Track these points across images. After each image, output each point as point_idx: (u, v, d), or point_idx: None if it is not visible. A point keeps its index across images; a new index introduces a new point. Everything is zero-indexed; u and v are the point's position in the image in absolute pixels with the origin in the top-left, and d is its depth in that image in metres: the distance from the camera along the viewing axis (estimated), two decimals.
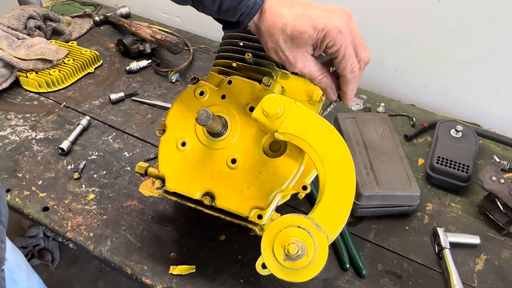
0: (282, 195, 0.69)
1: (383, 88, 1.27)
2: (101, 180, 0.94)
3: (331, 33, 0.57)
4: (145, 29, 1.27)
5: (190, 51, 1.31)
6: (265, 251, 0.56)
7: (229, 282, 0.77)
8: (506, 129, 1.13)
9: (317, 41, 0.59)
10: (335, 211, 0.59)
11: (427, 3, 1.06)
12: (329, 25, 0.57)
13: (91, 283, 1.72)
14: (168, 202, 0.90)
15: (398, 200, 0.85)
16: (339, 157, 0.61)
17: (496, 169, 0.85)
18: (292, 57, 0.61)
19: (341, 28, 0.58)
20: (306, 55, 0.61)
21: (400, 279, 0.79)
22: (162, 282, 0.76)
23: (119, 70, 1.26)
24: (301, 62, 0.61)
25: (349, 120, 1.00)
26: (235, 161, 0.69)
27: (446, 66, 1.14)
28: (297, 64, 0.61)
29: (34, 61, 1.16)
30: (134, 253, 0.81)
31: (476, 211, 0.90)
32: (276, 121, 0.62)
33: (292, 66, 0.62)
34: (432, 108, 1.19)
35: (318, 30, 0.58)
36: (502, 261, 0.82)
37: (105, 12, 1.49)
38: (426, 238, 0.85)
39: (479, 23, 1.03)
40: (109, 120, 1.09)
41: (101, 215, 0.87)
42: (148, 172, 0.81)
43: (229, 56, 0.83)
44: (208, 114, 0.61)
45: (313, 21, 0.58)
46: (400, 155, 0.92)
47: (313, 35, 0.58)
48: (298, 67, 0.62)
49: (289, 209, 0.89)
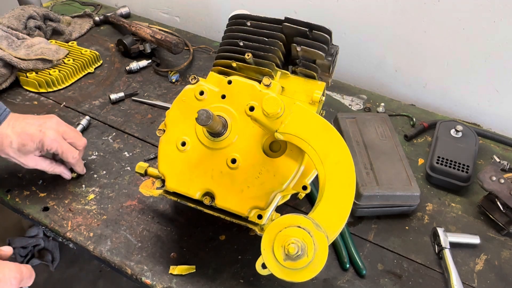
0: (282, 195, 0.69)
1: (383, 88, 1.27)
2: (101, 180, 0.94)
3: (46, 143, 0.83)
4: (145, 29, 1.27)
5: (190, 51, 1.31)
6: (265, 251, 0.56)
7: (229, 282, 0.77)
8: (506, 129, 1.13)
9: (38, 148, 0.83)
10: (335, 211, 0.59)
11: (427, 3, 1.07)
12: (43, 139, 0.82)
13: (91, 283, 1.72)
14: (168, 202, 0.90)
15: (398, 200, 0.85)
16: (339, 157, 0.61)
17: (496, 169, 0.85)
18: (24, 160, 0.84)
19: (53, 137, 0.83)
20: (34, 157, 0.85)
21: (400, 279, 0.79)
22: (162, 282, 0.76)
23: (119, 70, 1.26)
24: (32, 162, 0.85)
25: (349, 120, 1.00)
26: (235, 161, 0.69)
27: (446, 66, 1.14)
28: (29, 164, 0.85)
29: (34, 61, 1.16)
30: (134, 253, 0.81)
31: (476, 211, 0.90)
32: (276, 121, 0.62)
33: (25, 166, 0.85)
34: (432, 108, 1.19)
35: (37, 143, 0.82)
36: (502, 261, 0.82)
37: (105, 12, 1.49)
38: (426, 238, 0.85)
39: (479, 23, 1.03)
40: (109, 120, 1.09)
41: (101, 215, 0.87)
42: (148, 172, 0.81)
43: (229, 56, 0.83)
44: (208, 114, 0.61)
45: (31, 137, 0.82)
46: (400, 155, 0.92)
47: (34, 146, 0.82)
48: (30, 166, 0.85)
49: (289, 209, 0.89)
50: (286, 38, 0.84)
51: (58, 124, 0.86)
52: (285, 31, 0.84)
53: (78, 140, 0.88)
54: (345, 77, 1.27)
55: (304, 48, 0.82)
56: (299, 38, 0.83)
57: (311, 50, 0.82)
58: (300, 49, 0.83)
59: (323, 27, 0.82)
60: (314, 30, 0.82)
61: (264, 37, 0.84)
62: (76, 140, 0.88)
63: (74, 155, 0.87)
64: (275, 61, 0.82)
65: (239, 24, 0.88)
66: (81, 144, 0.89)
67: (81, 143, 0.89)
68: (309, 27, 0.82)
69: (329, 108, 1.14)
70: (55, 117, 0.87)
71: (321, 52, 0.82)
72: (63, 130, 0.86)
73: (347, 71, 1.29)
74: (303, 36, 0.83)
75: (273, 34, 0.84)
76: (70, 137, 0.87)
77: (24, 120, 0.84)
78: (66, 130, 0.87)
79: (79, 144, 0.88)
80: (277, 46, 0.83)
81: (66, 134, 0.86)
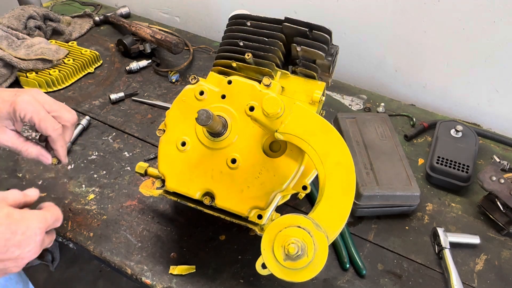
0: (282, 195, 0.69)
1: (383, 88, 1.27)
2: (101, 180, 0.94)
3: (18, 106, 0.65)
4: (145, 29, 1.27)
5: (190, 51, 1.31)
6: (265, 251, 0.56)
7: (229, 282, 0.77)
8: (506, 129, 1.13)
9: (9, 113, 0.66)
10: (335, 211, 0.59)
11: (427, 3, 1.07)
12: (16, 101, 0.65)
13: (91, 283, 1.72)
14: (168, 202, 0.90)
15: (398, 200, 0.85)
16: (339, 157, 0.61)
17: (496, 169, 0.85)
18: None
19: (27, 100, 0.66)
20: (6, 130, 0.68)
21: (400, 279, 0.79)
22: (162, 282, 0.76)
23: (119, 70, 1.26)
24: (3, 135, 0.68)
25: (349, 120, 1.00)
26: (235, 161, 0.69)
27: (446, 66, 1.14)
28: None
29: (34, 61, 1.16)
30: (134, 253, 0.81)
31: (476, 211, 0.90)
32: (276, 121, 0.62)
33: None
34: (432, 108, 1.19)
35: (7, 106, 0.66)
36: (502, 261, 0.82)
37: (105, 12, 1.49)
38: (426, 238, 0.85)
39: (479, 23, 1.03)
40: (109, 120, 1.09)
41: (101, 215, 0.87)
42: (148, 172, 0.81)
43: (229, 56, 0.83)
44: (208, 114, 0.61)
45: (2, 99, 0.66)
46: (400, 155, 0.92)
47: (3, 110, 0.66)
48: (1, 142, 0.69)
49: (289, 209, 0.89)
50: (286, 38, 0.84)
51: (38, 93, 0.69)
52: (285, 31, 0.84)
53: (65, 113, 0.70)
54: (345, 77, 1.27)
55: (304, 48, 0.82)
56: (299, 38, 0.83)
57: (311, 50, 0.82)
58: (300, 49, 0.83)
59: (323, 27, 0.82)
60: (314, 30, 0.82)
61: (264, 37, 0.84)
62: (62, 112, 0.69)
63: (55, 126, 0.68)
64: (275, 61, 0.82)
65: (239, 24, 0.88)
66: (68, 118, 0.70)
67: (69, 118, 0.70)
68: (309, 27, 0.82)
69: (329, 108, 1.14)
70: (39, 90, 0.72)
71: (321, 52, 0.82)
72: (44, 99, 0.68)
73: (347, 71, 1.29)
74: (303, 36, 0.83)
75: (273, 34, 0.84)
76: (53, 108, 0.69)
77: (1, 89, 0.70)
78: (48, 100, 0.69)
79: (66, 118, 0.69)
80: (277, 46, 0.83)
81: (48, 104, 0.68)
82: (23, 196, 0.64)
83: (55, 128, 0.68)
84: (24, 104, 0.65)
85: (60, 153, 0.72)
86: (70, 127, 0.71)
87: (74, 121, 0.71)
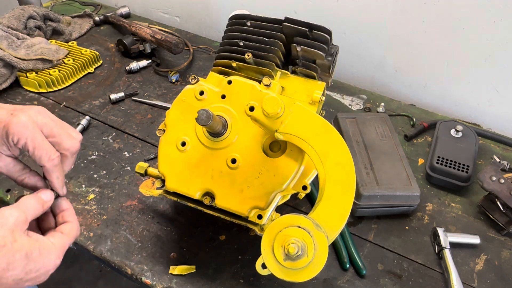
0: (282, 195, 0.69)
1: (383, 88, 1.27)
2: (101, 180, 0.94)
3: (12, 128, 0.55)
4: (145, 29, 1.27)
5: (190, 51, 1.31)
6: (265, 251, 0.56)
7: (229, 282, 0.77)
8: (506, 129, 1.13)
9: (3, 139, 0.56)
10: (335, 211, 0.59)
11: (427, 3, 1.06)
12: (9, 122, 0.55)
13: (91, 283, 1.72)
14: (168, 202, 0.90)
15: (398, 200, 0.85)
16: (339, 157, 0.61)
17: (496, 169, 0.85)
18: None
19: (23, 122, 0.55)
20: (1, 156, 0.59)
21: (400, 279, 0.79)
22: (162, 282, 0.76)
23: (119, 70, 1.26)
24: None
25: (349, 120, 1.00)
26: (235, 161, 0.69)
27: (446, 66, 1.14)
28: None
29: (34, 61, 1.16)
30: (134, 253, 0.81)
31: (476, 211, 0.90)
32: (276, 121, 0.62)
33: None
34: (432, 108, 1.19)
35: (2, 127, 0.55)
36: (502, 261, 0.82)
37: (105, 12, 1.49)
38: (426, 238, 0.85)
39: (479, 23, 1.03)
40: (109, 120, 1.09)
41: (101, 215, 0.87)
42: (148, 172, 0.81)
43: (229, 56, 0.83)
44: (208, 114, 0.61)
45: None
46: (400, 155, 0.92)
47: (1, 133, 0.56)
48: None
49: (289, 209, 0.89)
50: (286, 38, 0.84)
51: (39, 112, 0.58)
52: (285, 31, 0.84)
53: (66, 139, 0.59)
54: (345, 77, 1.27)
55: (304, 48, 0.82)
56: (299, 38, 0.83)
57: (311, 50, 0.82)
58: (300, 49, 0.83)
59: (323, 27, 0.82)
60: (314, 30, 0.82)
61: (264, 37, 0.84)
62: (62, 139, 0.59)
63: (52, 156, 0.57)
64: (275, 61, 0.82)
65: (239, 24, 0.88)
66: (68, 146, 0.59)
67: (69, 146, 0.59)
68: (309, 27, 0.82)
69: (329, 108, 1.14)
70: (42, 108, 0.60)
71: (321, 52, 0.82)
72: (43, 121, 0.58)
73: (347, 71, 1.29)
74: (303, 36, 0.83)
75: (273, 34, 0.84)
76: (53, 133, 0.58)
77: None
78: (48, 123, 0.58)
79: (66, 147, 0.59)
80: (277, 46, 0.83)
81: (47, 127, 0.58)
82: (41, 207, 0.57)
83: (50, 158, 0.58)
84: (19, 127, 0.55)
85: (56, 185, 0.61)
86: (70, 156, 0.60)
87: (75, 150, 0.60)
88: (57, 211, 0.61)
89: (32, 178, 0.62)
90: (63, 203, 0.62)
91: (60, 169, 0.60)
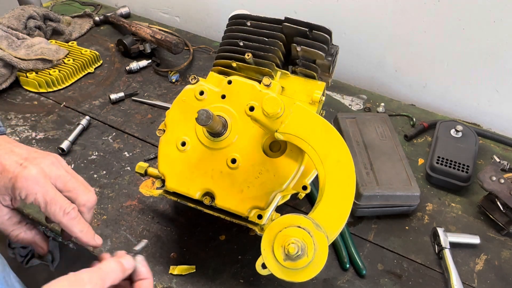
0: (282, 195, 0.69)
1: (383, 88, 1.27)
2: (101, 180, 0.94)
3: (19, 183, 0.51)
4: (145, 29, 1.27)
5: (190, 51, 1.31)
6: (265, 251, 0.56)
7: (229, 282, 0.77)
8: (506, 129, 1.13)
9: (7, 189, 0.52)
10: (335, 211, 0.59)
11: (427, 3, 1.06)
12: (18, 175, 0.51)
13: None
14: (168, 202, 0.90)
15: (398, 200, 0.85)
16: (339, 157, 0.61)
17: (496, 169, 0.85)
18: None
19: (33, 177, 0.51)
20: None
21: (400, 279, 0.79)
22: (162, 282, 0.76)
23: (119, 70, 1.26)
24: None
25: (349, 120, 1.00)
26: (235, 161, 0.69)
27: (446, 66, 1.14)
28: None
29: (34, 61, 1.16)
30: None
31: (476, 211, 0.90)
32: (276, 121, 0.62)
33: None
34: (432, 108, 1.19)
35: (6, 181, 0.51)
36: (502, 261, 0.82)
37: (105, 12, 1.49)
38: (426, 238, 0.85)
39: (479, 23, 1.03)
40: (109, 120, 1.09)
41: (101, 215, 0.87)
42: (148, 172, 0.81)
43: (229, 56, 0.83)
44: (208, 114, 0.61)
45: (3, 168, 0.52)
46: (400, 155, 0.92)
47: (2, 182, 0.51)
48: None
49: (289, 209, 0.89)
50: (286, 38, 0.84)
51: (53, 164, 0.55)
52: (285, 31, 0.84)
53: (82, 194, 0.56)
54: (345, 77, 1.26)
55: (304, 48, 0.82)
56: (299, 38, 0.83)
57: (311, 50, 0.82)
58: (300, 49, 0.83)
59: (323, 27, 0.82)
60: (314, 30, 0.82)
61: (264, 37, 0.84)
62: (78, 193, 0.56)
63: (67, 209, 0.53)
64: (275, 61, 0.82)
65: (239, 24, 0.88)
66: (85, 201, 0.56)
67: (86, 200, 0.56)
68: (309, 27, 0.82)
69: (329, 108, 1.14)
70: (57, 156, 0.57)
71: (321, 52, 0.82)
72: (57, 174, 0.54)
73: (347, 71, 1.28)
74: (303, 36, 0.83)
75: (273, 34, 0.84)
76: (67, 187, 0.55)
77: (11, 147, 0.55)
78: (62, 176, 0.55)
79: (82, 202, 0.56)
80: (277, 46, 0.83)
81: (61, 181, 0.54)
82: (121, 275, 0.52)
83: (65, 211, 0.53)
84: (28, 182, 0.51)
85: (84, 239, 0.56)
86: (87, 212, 0.56)
87: (92, 205, 0.57)
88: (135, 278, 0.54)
89: (28, 233, 0.57)
90: (143, 271, 0.54)
91: (82, 221, 0.55)
